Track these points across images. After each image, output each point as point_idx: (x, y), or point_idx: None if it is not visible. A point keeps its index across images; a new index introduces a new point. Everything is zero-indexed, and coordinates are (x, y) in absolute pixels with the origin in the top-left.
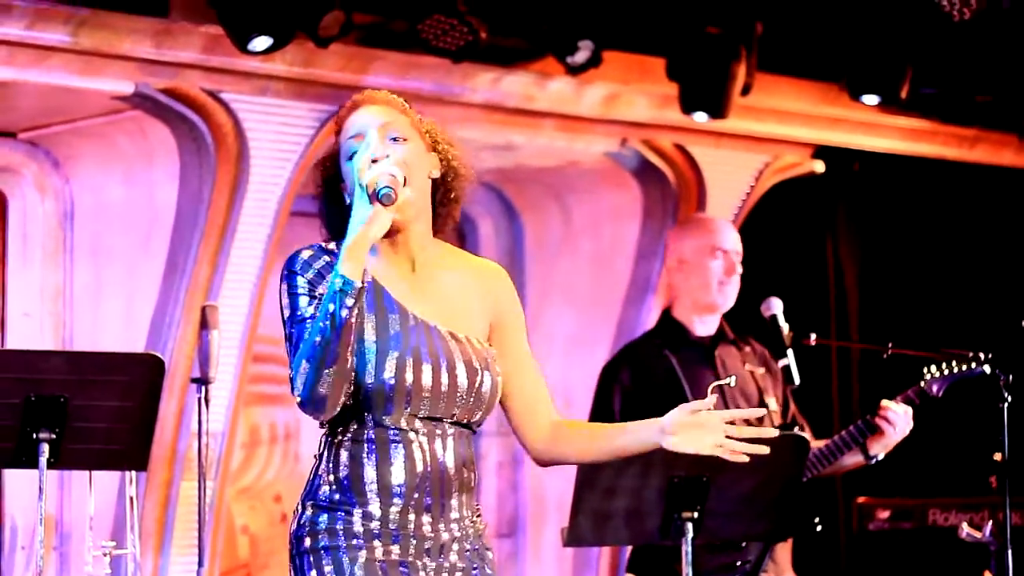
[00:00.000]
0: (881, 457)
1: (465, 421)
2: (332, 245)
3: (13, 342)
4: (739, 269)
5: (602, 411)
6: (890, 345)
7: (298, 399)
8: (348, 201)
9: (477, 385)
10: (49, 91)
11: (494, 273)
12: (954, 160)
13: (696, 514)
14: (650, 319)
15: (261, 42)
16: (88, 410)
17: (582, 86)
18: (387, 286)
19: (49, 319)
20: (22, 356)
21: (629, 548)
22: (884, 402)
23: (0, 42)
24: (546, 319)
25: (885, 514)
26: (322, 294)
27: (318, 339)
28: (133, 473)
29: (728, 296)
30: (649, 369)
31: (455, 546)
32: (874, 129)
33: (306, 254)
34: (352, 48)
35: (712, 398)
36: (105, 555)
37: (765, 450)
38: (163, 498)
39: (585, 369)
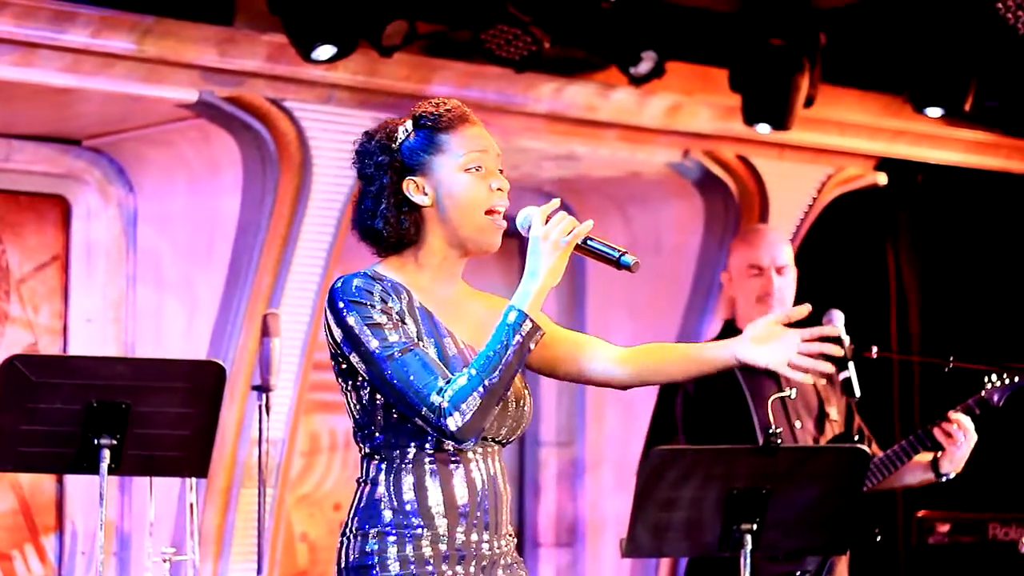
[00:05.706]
0: (952, 476)
1: (507, 440)
2: (376, 269)
3: (76, 348)
4: (777, 288)
5: (663, 418)
6: (952, 359)
7: (455, 431)
8: (427, 201)
9: (522, 404)
10: (114, 99)
11: (501, 300)
12: (1017, 172)
13: (755, 526)
14: (711, 330)
15: (325, 51)
16: (150, 417)
17: (645, 97)
18: (433, 311)
19: (112, 326)
20: (84, 362)
21: (686, 560)
22: (949, 414)
23: (65, 49)
24: (607, 329)
25: (945, 528)
26: (396, 319)
27: (496, 378)
28: (193, 480)
29: (769, 312)
30: (712, 379)
31: (502, 560)
32: (937, 141)
33: (358, 282)
34: (415, 57)
35: (804, 307)
36: (165, 561)
37: (829, 368)
38: (223, 505)
39: None
